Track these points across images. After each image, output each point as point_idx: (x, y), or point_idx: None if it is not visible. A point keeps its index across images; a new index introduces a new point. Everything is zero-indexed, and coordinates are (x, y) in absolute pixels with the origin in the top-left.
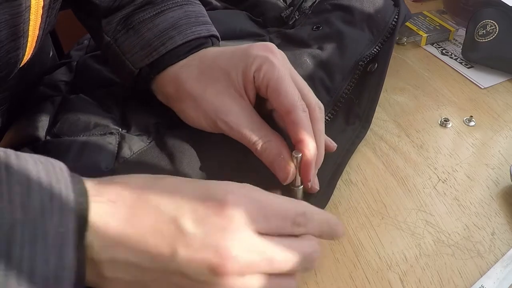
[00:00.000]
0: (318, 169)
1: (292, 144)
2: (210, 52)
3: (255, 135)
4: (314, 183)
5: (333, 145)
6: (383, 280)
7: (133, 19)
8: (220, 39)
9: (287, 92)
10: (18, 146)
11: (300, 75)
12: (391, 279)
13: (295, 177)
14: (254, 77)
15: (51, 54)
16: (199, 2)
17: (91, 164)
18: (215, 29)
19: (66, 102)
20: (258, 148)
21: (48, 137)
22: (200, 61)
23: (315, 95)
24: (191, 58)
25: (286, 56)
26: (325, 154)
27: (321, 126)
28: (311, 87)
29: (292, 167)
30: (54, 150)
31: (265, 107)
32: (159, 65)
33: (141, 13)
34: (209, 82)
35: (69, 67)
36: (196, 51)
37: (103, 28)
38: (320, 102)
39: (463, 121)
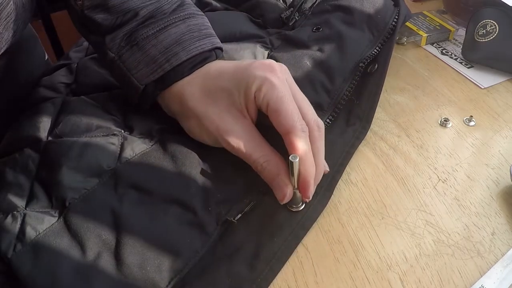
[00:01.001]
0: None
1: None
2: (212, 68)
3: (255, 155)
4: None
5: (326, 170)
6: (383, 280)
7: (137, 35)
8: (223, 50)
9: (286, 113)
10: (19, 146)
11: (301, 77)
12: (391, 279)
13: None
14: (255, 97)
15: (46, 58)
16: (201, 13)
17: (92, 163)
18: (218, 41)
19: (68, 103)
20: (258, 167)
21: (49, 138)
22: (204, 78)
23: (316, 97)
24: (195, 76)
25: (288, 71)
26: (325, 157)
27: (320, 144)
28: (311, 90)
29: (289, 189)
30: (56, 151)
31: (267, 119)
32: (165, 81)
33: (144, 29)
34: (211, 101)
35: (69, 69)
36: (200, 67)
37: (107, 45)
38: (319, 119)
39: (463, 121)
